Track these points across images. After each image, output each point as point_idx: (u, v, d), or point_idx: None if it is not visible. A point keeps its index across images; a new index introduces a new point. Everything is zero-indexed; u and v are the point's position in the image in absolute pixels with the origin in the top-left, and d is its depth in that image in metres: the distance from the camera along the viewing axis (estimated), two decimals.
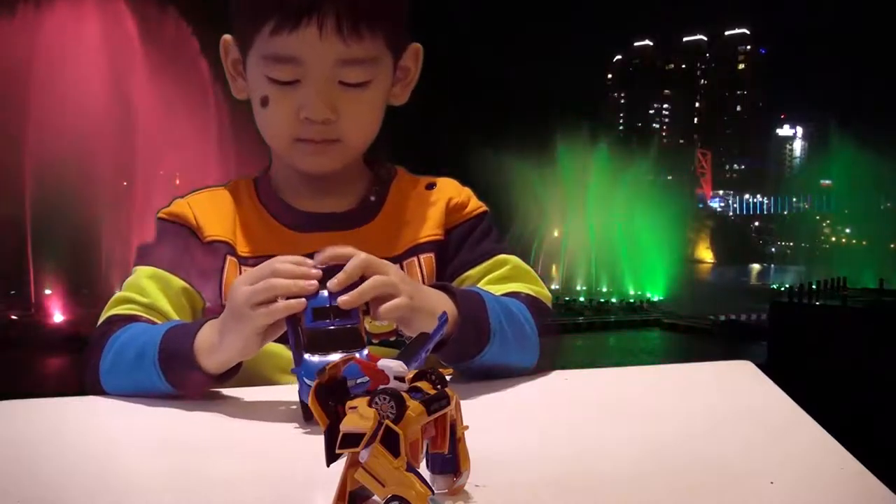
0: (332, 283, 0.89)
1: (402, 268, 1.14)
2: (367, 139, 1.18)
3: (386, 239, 1.17)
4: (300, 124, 1.11)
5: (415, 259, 1.17)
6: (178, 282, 1.13)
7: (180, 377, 0.96)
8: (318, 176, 1.18)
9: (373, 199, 1.20)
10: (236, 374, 0.98)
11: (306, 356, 0.85)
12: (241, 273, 1.12)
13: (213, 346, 0.95)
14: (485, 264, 1.19)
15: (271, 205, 1.19)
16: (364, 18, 1.06)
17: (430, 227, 1.19)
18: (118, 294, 1.12)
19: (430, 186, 1.24)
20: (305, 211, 1.18)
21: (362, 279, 0.90)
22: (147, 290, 1.11)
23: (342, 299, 0.88)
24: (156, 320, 1.09)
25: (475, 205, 1.24)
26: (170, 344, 0.97)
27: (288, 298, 0.89)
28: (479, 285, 1.15)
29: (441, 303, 0.98)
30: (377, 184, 1.22)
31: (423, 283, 1.14)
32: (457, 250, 1.20)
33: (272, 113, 1.12)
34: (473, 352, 1.01)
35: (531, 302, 1.13)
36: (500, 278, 1.18)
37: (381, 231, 1.18)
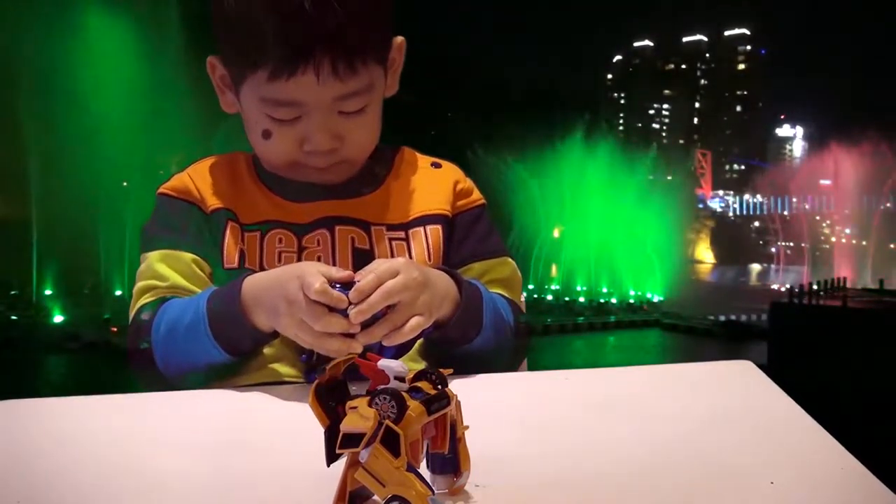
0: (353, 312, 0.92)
1: (406, 237, 1.16)
2: (371, 149, 1.19)
3: (391, 207, 1.18)
4: (305, 154, 1.13)
5: (421, 229, 1.18)
6: (187, 255, 1.14)
7: (233, 340, 1.01)
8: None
9: (377, 171, 1.21)
10: None
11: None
12: (242, 238, 1.14)
13: (260, 304, 0.99)
14: (491, 261, 1.21)
15: (270, 178, 1.19)
16: (358, 55, 1.07)
17: (440, 202, 1.21)
18: (139, 285, 1.14)
19: (436, 165, 1.25)
20: (305, 181, 1.17)
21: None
22: (163, 274, 1.12)
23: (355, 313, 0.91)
24: (182, 297, 1.11)
25: (477, 195, 1.26)
26: (216, 308, 1.01)
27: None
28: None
29: (447, 287, 1.03)
30: (381, 158, 1.23)
31: (428, 253, 1.17)
32: (463, 238, 1.21)
33: (275, 145, 1.13)
34: (461, 341, 1.05)
35: (512, 306, 1.17)
36: (495, 280, 1.20)
37: (386, 199, 1.19)
